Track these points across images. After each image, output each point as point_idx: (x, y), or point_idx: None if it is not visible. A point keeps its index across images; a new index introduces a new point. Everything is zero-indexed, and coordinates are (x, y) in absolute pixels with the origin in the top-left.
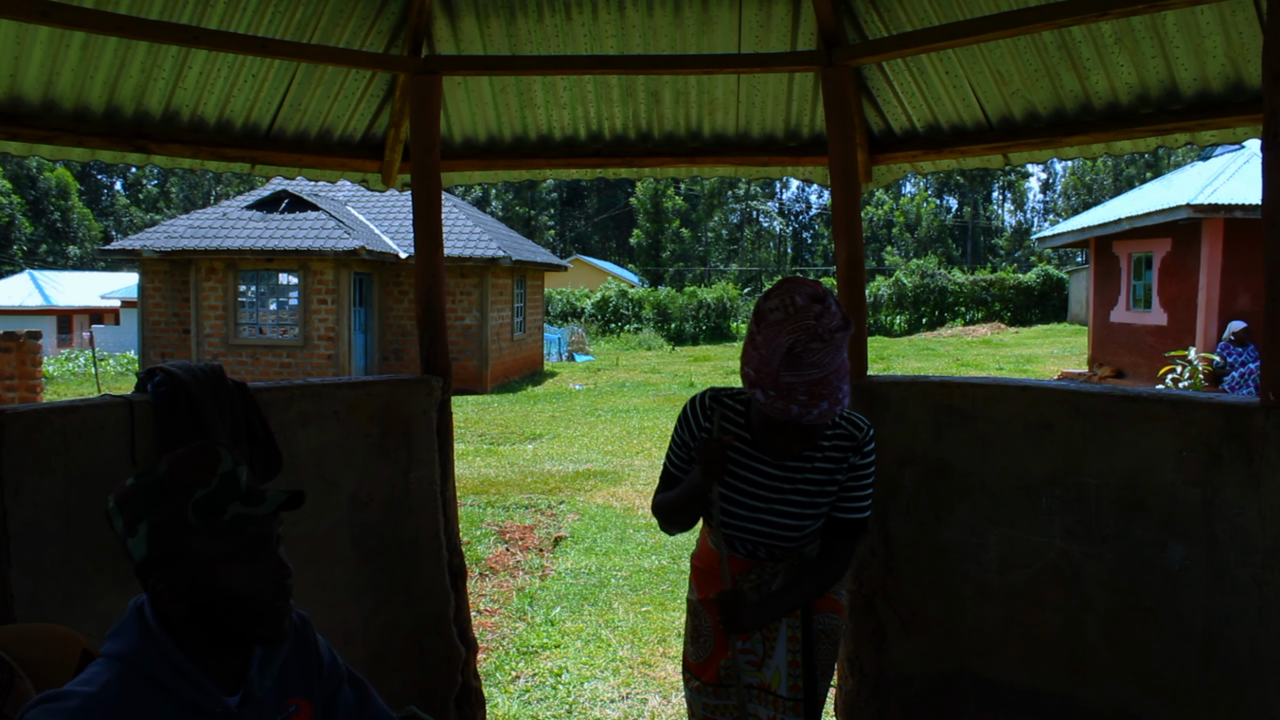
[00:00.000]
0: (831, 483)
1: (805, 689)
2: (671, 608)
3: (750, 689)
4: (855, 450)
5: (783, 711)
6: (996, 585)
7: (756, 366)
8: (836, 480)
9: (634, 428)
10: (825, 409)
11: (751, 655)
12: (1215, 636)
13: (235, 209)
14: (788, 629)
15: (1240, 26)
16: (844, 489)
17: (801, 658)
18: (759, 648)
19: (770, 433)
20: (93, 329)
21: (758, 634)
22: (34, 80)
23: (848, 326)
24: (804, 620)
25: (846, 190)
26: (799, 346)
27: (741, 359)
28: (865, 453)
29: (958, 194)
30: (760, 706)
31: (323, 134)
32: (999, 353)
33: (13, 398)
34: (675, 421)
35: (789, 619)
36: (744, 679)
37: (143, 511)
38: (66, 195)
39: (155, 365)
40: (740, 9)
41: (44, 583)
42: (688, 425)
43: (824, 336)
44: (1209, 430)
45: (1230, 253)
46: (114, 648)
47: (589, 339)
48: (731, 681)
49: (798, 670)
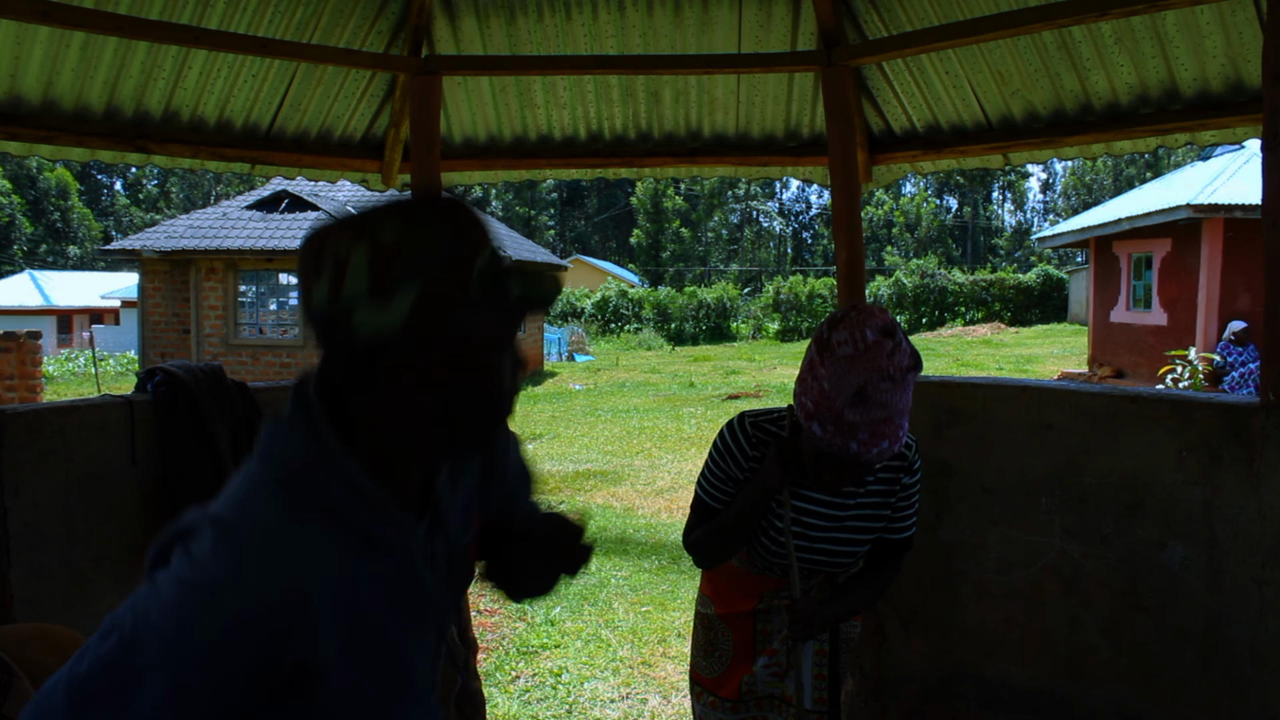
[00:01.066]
0: (885, 506)
1: (830, 701)
2: (671, 608)
3: (771, 699)
4: (906, 470)
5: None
6: (996, 585)
7: (816, 400)
8: (889, 504)
9: (634, 428)
10: (885, 448)
11: (776, 667)
12: (1215, 636)
13: (235, 209)
14: (815, 642)
15: (1240, 26)
16: (894, 509)
17: (828, 670)
18: (783, 659)
19: (820, 466)
20: (93, 329)
21: (784, 648)
22: (34, 80)
23: (918, 366)
24: (832, 634)
25: (846, 190)
26: (869, 388)
27: (798, 387)
28: (914, 470)
29: (958, 194)
30: (780, 717)
31: (323, 134)
32: (999, 353)
33: (13, 398)
34: (709, 453)
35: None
36: (766, 689)
37: (412, 274)
38: (66, 195)
39: (155, 365)
40: (740, 9)
41: (44, 583)
42: (730, 456)
43: (895, 377)
44: (1209, 430)
45: (1230, 253)
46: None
47: (589, 339)
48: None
49: (823, 683)
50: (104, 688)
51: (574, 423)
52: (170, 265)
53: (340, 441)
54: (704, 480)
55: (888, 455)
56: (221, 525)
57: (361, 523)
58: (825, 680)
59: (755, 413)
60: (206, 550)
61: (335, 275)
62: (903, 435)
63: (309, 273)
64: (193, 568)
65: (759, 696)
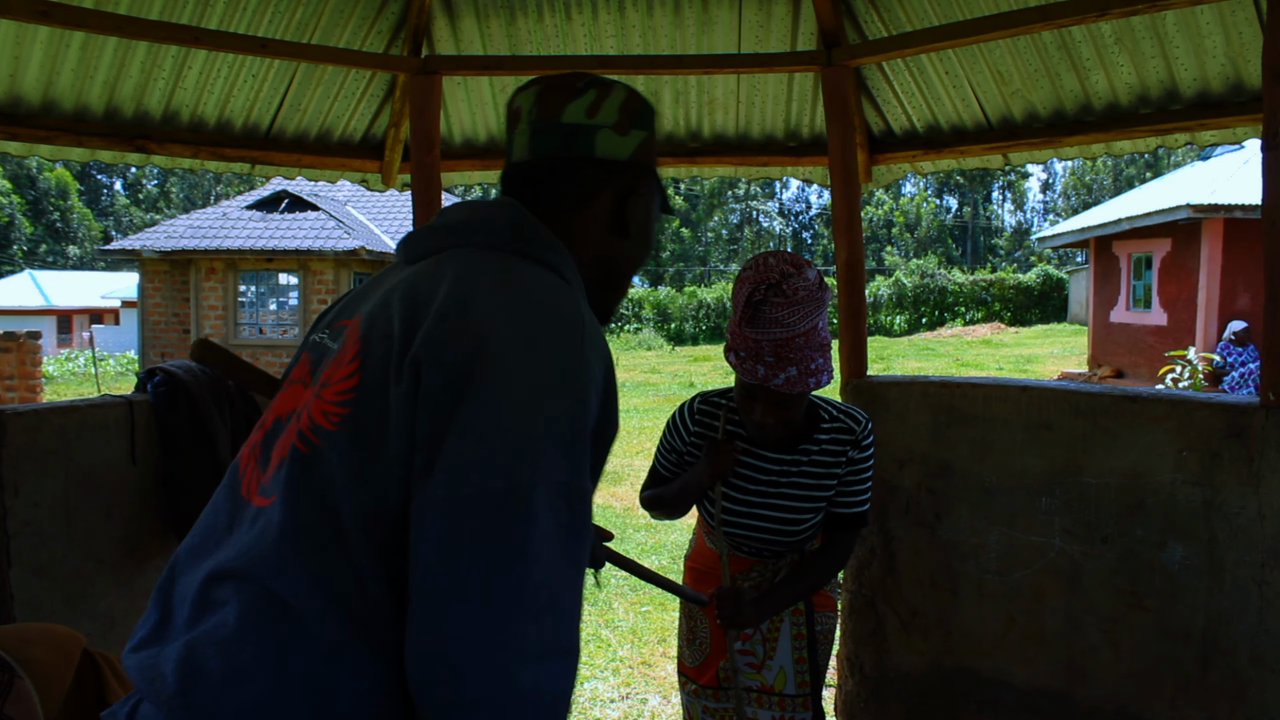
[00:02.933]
0: (829, 476)
1: (812, 685)
2: (671, 608)
3: (750, 692)
4: (854, 444)
5: (790, 710)
6: (996, 585)
7: (730, 328)
8: (835, 474)
9: (634, 428)
10: (794, 375)
11: (751, 657)
12: (1215, 636)
13: (235, 209)
14: (791, 627)
15: (1240, 26)
16: (843, 483)
17: (807, 654)
18: (759, 649)
19: (747, 404)
20: (93, 329)
21: (758, 635)
22: (34, 80)
23: (821, 291)
24: (808, 616)
25: (846, 190)
26: (758, 295)
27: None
28: (864, 446)
29: (958, 194)
30: (760, 710)
31: (323, 134)
32: (999, 353)
33: (13, 398)
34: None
35: (792, 616)
36: (744, 681)
37: (644, 124)
38: (66, 195)
39: (155, 365)
40: (740, 9)
41: (44, 583)
42: (676, 431)
43: (787, 291)
44: (1209, 430)
45: (1230, 253)
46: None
47: None
48: (731, 684)
49: (804, 667)
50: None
51: None
52: (170, 265)
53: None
54: (658, 448)
55: (799, 386)
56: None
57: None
58: (805, 664)
59: (711, 391)
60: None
61: (594, 102)
62: (819, 372)
63: (565, 91)
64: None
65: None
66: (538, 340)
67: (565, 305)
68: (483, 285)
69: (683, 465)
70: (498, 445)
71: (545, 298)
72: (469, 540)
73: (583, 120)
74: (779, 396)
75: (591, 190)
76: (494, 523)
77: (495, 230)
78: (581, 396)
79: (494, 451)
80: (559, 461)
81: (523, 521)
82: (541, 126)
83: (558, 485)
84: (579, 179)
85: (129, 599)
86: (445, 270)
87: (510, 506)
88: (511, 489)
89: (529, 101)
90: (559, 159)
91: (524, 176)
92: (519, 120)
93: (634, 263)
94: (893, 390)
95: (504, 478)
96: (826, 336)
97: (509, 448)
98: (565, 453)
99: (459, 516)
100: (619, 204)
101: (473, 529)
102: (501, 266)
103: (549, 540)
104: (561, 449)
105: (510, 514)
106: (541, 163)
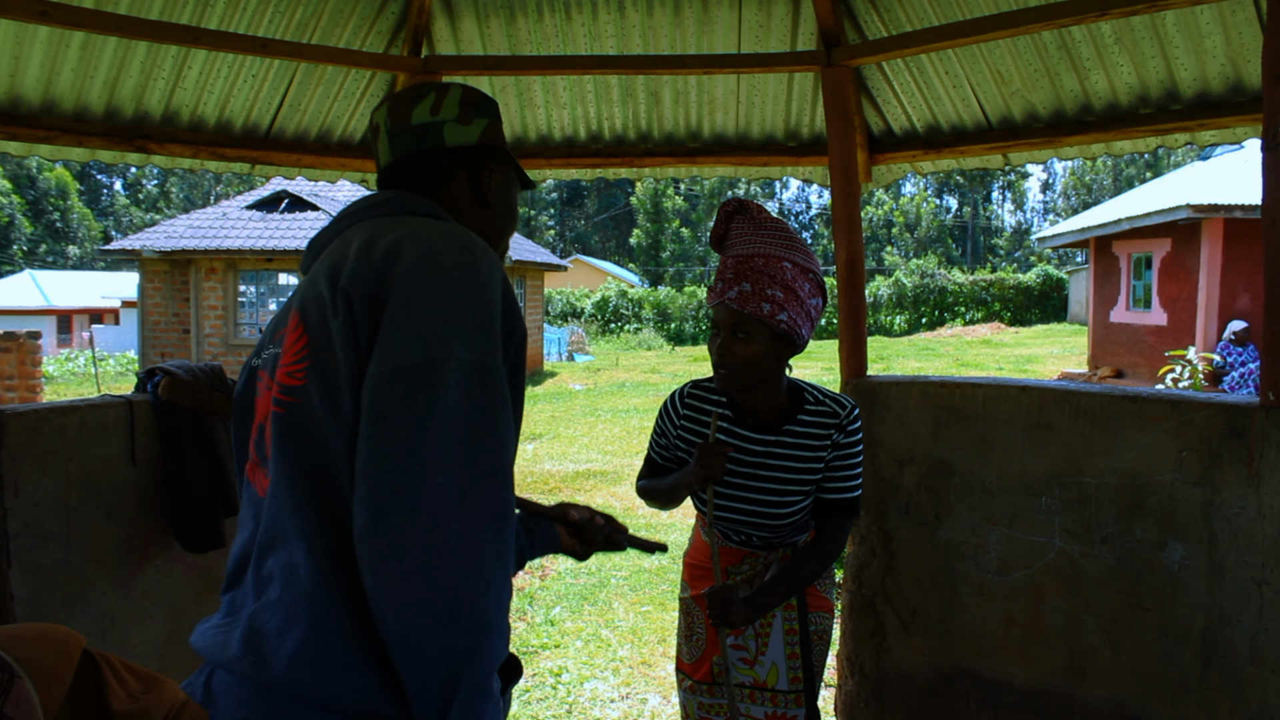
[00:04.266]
0: (815, 459)
1: (805, 680)
2: (671, 608)
3: (742, 688)
4: (839, 428)
5: (784, 706)
6: (996, 585)
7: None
8: (820, 458)
9: (634, 428)
10: (747, 291)
11: (744, 653)
12: (1215, 636)
13: (235, 209)
14: (784, 623)
15: (1240, 26)
16: (830, 468)
17: (800, 649)
18: (752, 645)
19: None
20: (93, 329)
21: (751, 630)
22: (34, 80)
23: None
24: (800, 612)
25: (846, 190)
26: (725, 213)
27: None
28: (850, 431)
29: (958, 194)
30: (754, 705)
31: (323, 134)
32: (999, 353)
33: (13, 398)
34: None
35: (784, 612)
36: (737, 677)
37: (484, 112)
38: (66, 195)
39: (155, 365)
40: (740, 9)
41: (44, 583)
42: (667, 417)
43: (751, 212)
44: (1209, 430)
45: (1230, 253)
46: (417, 207)
47: (589, 339)
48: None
49: (797, 662)
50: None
51: (574, 423)
52: (170, 265)
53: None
54: (651, 435)
55: (750, 304)
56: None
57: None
58: (799, 660)
59: (702, 379)
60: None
61: (435, 103)
62: (774, 301)
63: (409, 99)
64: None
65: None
66: (439, 251)
67: (457, 229)
68: (388, 231)
69: (673, 451)
70: (413, 330)
71: (439, 226)
72: (390, 407)
73: (428, 119)
74: (735, 321)
75: (450, 173)
76: (411, 391)
77: (385, 203)
78: (484, 293)
79: (410, 335)
80: (467, 343)
81: (436, 388)
82: (397, 132)
83: (466, 362)
84: (437, 166)
85: (129, 599)
86: (352, 236)
87: (424, 377)
88: (426, 363)
89: (383, 115)
90: (417, 153)
91: (392, 175)
92: (379, 133)
93: (500, 228)
94: (893, 390)
95: (420, 354)
96: (799, 288)
97: (423, 331)
98: (473, 336)
99: (383, 388)
100: (475, 180)
101: (394, 397)
102: (400, 221)
103: (461, 406)
104: (469, 333)
105: (424, 383)
106: (403, 160)
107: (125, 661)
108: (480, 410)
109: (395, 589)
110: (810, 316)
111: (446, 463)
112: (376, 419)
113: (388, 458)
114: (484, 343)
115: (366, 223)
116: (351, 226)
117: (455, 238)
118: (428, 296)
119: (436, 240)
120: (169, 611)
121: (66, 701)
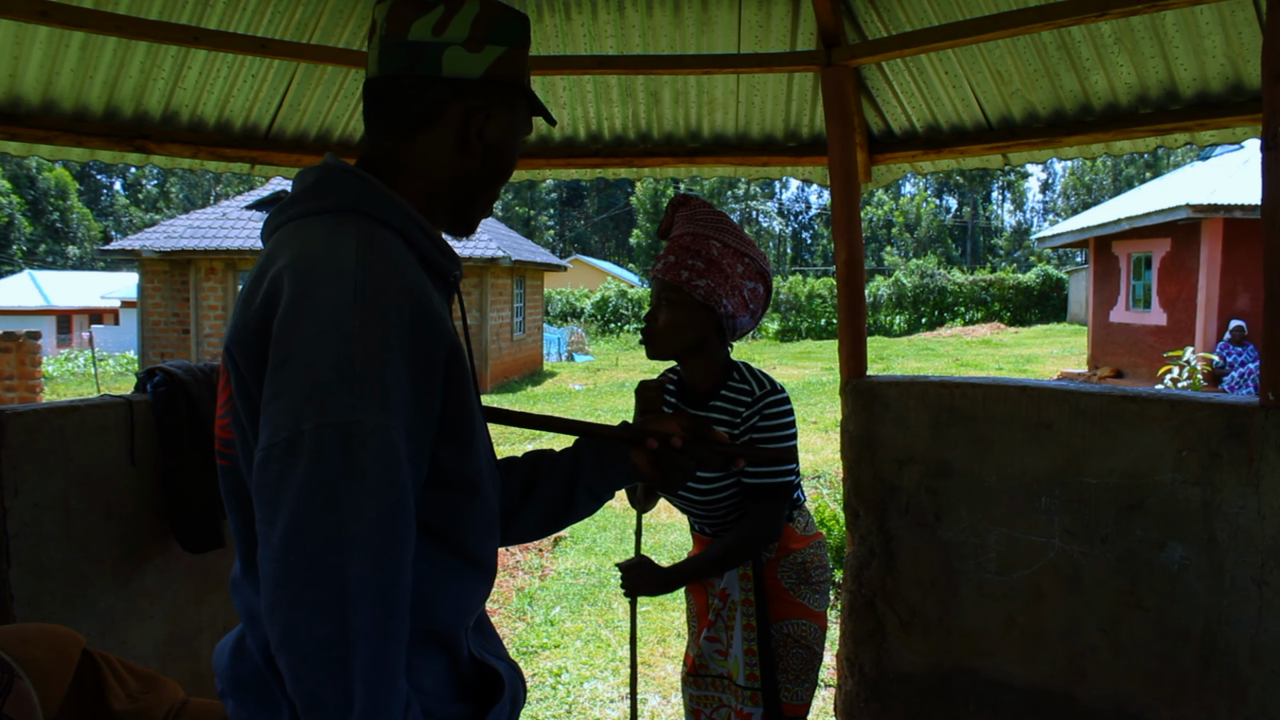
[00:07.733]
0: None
1: (764, 679)
2: (671, 608)
3: (721, 679)
4: (750, 407)
5: (742, 701)
6: (996, 585)
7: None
8: (731, 435)
9: None
10: (671, 262)
11: (719, 644)
12: (1215, 636)
13: (235, 209)
14: (742, 618)
15: (1240, 26)
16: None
17: (759, 646)
18: (724, 636)
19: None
20: (92, 329)
21: (720, 623)
22: (33, 80)
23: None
24: (759, 610)
25: (846, 190)
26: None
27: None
28: (767, 415)
29: (957, 194)
30: (731, 697)
31: (322, 134)
32: (999, 353)
33: (13, 398)
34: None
35: (743, 607)
36: (715, 669)
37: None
38: (66, 195)
39: (155, 365)
40: (740, 9)
41: (44, 583)
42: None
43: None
44: (1209, 430)
45: (1230, 253)
46: (323, 201)
47: (589, 339)
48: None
49: (754, 659)
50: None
51: None
52: (170, 265)
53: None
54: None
55: (672, 274)
56: (319, 265)
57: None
58: (755, 657)
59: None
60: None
61: (442, 19)
62: (692, 270)
63: (413, 6)
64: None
65: (712, 675)
66: (312, 287)
67: (342, 243)
68: (281, 253)
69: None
70: (287, 398)
71: (324, 244)
72: (267, 494)
73: (428, 38)
74: (659, 289)
75: (438, 109)
76: (283, 472)
77: (299, 199)
78: (365, 332)
79: (284, 405)
80: (342, 400)
81: (293, 468)
82: (389, 43)
83: (336, 427)
84: (425, 98)
85: (129, 599)
86: (259, 260)
87: (286, 456)
88: (289, 439)
89: (382, 14)
90: (405, 77)
91: (373, 93)
92: (373, 34)
93: (484, 182)
94: (892, 390)
95: (288, 428)
96: (724, 264)
97: (296, 396)
98: (350, 390)
99: (259, 470)
100: (465, 123)
101: (268, 481)
102: (300, 235)
103: (323, 480)
104: (344, 388)
105: (290, 462)
106: (388, 81)
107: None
108: (340, 476)
109: (288, 677)
110: (740, 295)
111: (322, 549)
112: (259, 504)
113: (269, 546)
114: (361, 396)
115: (277, 235)
116: (270, 239)
117: (331, 263)
118: (299, 350)
119: (313, 271)
120: (169, 611)
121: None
